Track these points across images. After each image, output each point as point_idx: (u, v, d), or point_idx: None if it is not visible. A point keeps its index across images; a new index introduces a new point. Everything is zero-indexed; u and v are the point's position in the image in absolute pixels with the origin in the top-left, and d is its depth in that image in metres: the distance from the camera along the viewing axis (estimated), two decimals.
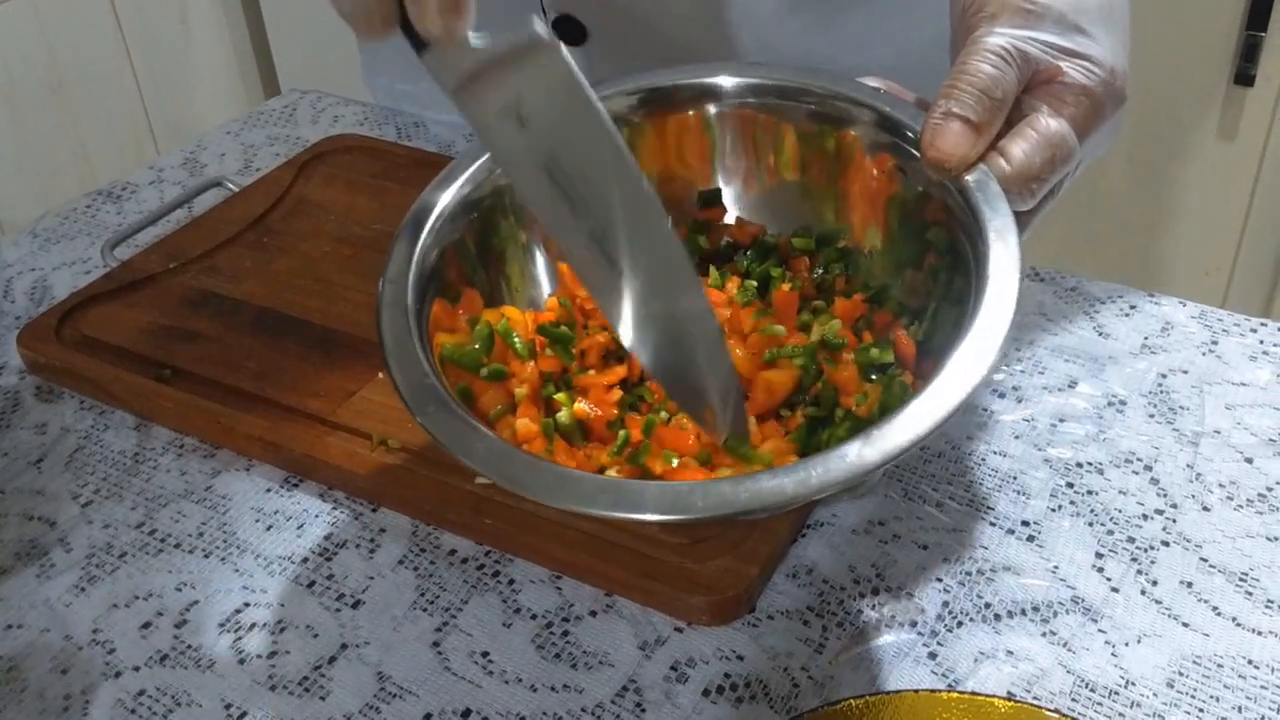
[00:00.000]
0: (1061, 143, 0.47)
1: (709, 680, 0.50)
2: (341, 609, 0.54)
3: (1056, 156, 0.47)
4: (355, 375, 0.65)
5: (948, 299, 0.49)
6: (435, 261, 0.52)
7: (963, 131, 0.47)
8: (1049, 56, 0.48)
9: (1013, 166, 0.47)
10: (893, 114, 0.52)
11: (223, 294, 0.72)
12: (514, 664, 0.51)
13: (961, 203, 0.47)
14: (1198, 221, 1.53)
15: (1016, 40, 0.48)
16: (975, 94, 0.47)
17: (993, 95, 0.47)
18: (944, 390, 0.41)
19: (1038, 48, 0.48)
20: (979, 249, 0.45)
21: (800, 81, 0.55)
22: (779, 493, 0.40)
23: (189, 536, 0.58)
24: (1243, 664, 0.50)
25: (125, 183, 0.86)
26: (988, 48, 0.47)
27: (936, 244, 0.50)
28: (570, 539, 0.54)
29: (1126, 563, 0.54)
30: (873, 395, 0.50)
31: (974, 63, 0.47)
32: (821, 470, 0.40)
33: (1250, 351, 0.65)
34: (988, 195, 0.46)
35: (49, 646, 0.53)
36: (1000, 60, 0.47)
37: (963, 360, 0.42)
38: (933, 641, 0.51)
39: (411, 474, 0.58)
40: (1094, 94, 0.48)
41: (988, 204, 0.46)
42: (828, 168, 0.55)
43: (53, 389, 0.68)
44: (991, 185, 0.47)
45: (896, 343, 0.51)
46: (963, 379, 0.41)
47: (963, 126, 0.47)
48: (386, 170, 0.82)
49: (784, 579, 0.54)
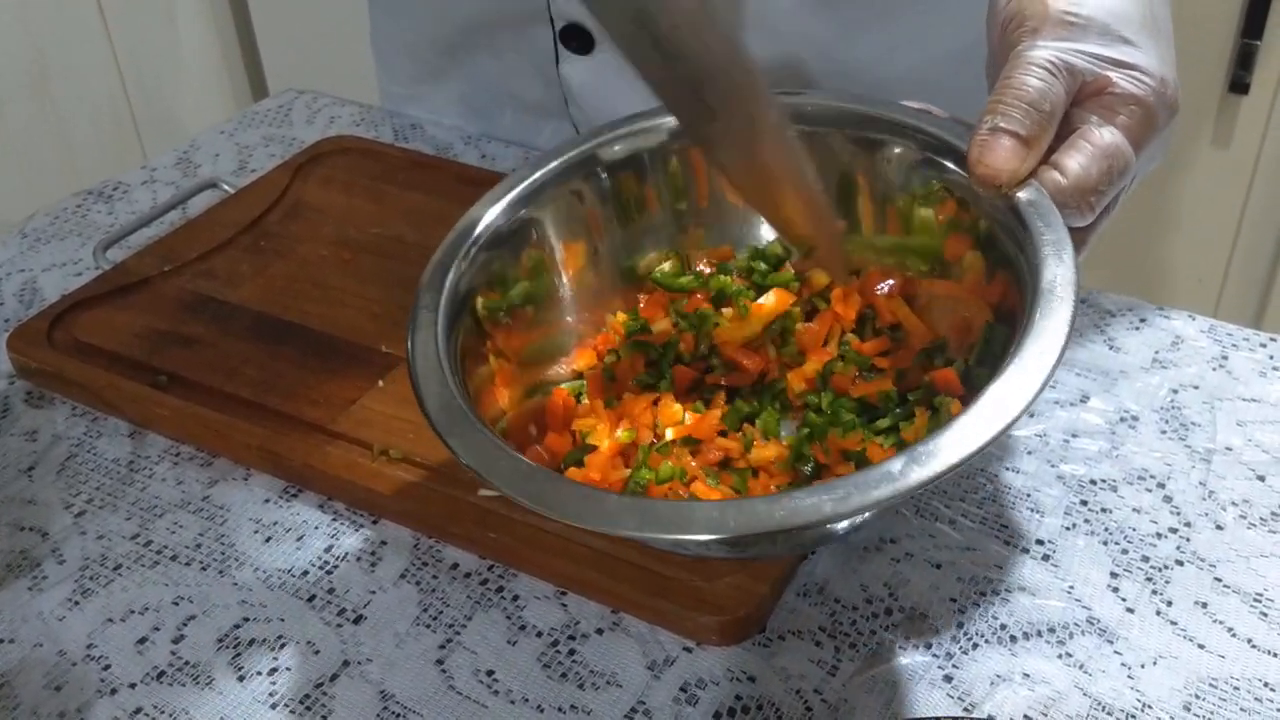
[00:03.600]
0: (1117, 154, 0.46)
1: (720, 702, 0.49)
2: (343, 624, 0.53)
3: (1113, 168, 0.46)
4: (355, 383, 0.63)
5: (999, 319, 0.48)
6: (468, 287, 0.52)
7: (1012, 146, 0.45)
8: (1096, 68, 0.47)
9: (1069, 180, 0.45)
10: (939, 134, 0.50)
11: (219, 298, 0.70)
12: (520, 683, 0.50)
13: (1013, 220, 0.46)
14: (1191, 229, 1.53)
15: (1061, 52, 0.46)
16: (1023, 107, 0.45)
17: (1040, 108, 0.45)
18: (990, 412, 0.40)
19: (1084, 59, 0.47)
20: (1033, 267, 0.44)
21: (838, 104, 0.54)
22: (816, 511, 0.38)
23: (186, 548, 0.57)
24: (1259, 686, 0.49)
25: (117, 182, 0.84)
26: (1032, 60, 0.46)
27: (989, 262, 0.49)
28: (577, 554, 0.53)
29: (1141, 582, 0.53)
30: (920, 422, 0.49)
31: (1019, 76, 0.46)
32: (861, 488, 0.38)
33: (1260, 367, 0.64)
34: (1041, 211, 0.45)
35: (42, 662, 0.52)
36: (1046, 73, 0.46)
37: (1011, 382, 0.40)
38: (948, 664, 0.50)
39: (413, 485, 0.57)
40: (1146, 103, 0.47)
41: (1041, 219, 0.45)
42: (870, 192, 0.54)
43: (44, 394, 0.66)
44: (1044, 201, 0.45)
45: (937, 379, 0.50)
46: (1010, 402, 0.40)
47: (1012, 141, 0.45)
48: (384, 172, 0.81)
49: (795, 597, 0.53)
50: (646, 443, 0.51)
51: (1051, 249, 0.44)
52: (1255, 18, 1.38)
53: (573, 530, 0.54)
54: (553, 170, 0.55)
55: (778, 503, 0.39)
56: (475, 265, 0.52)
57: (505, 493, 0.42)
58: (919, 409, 0.49)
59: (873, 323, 0.54)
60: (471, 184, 0.79)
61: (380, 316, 0.68)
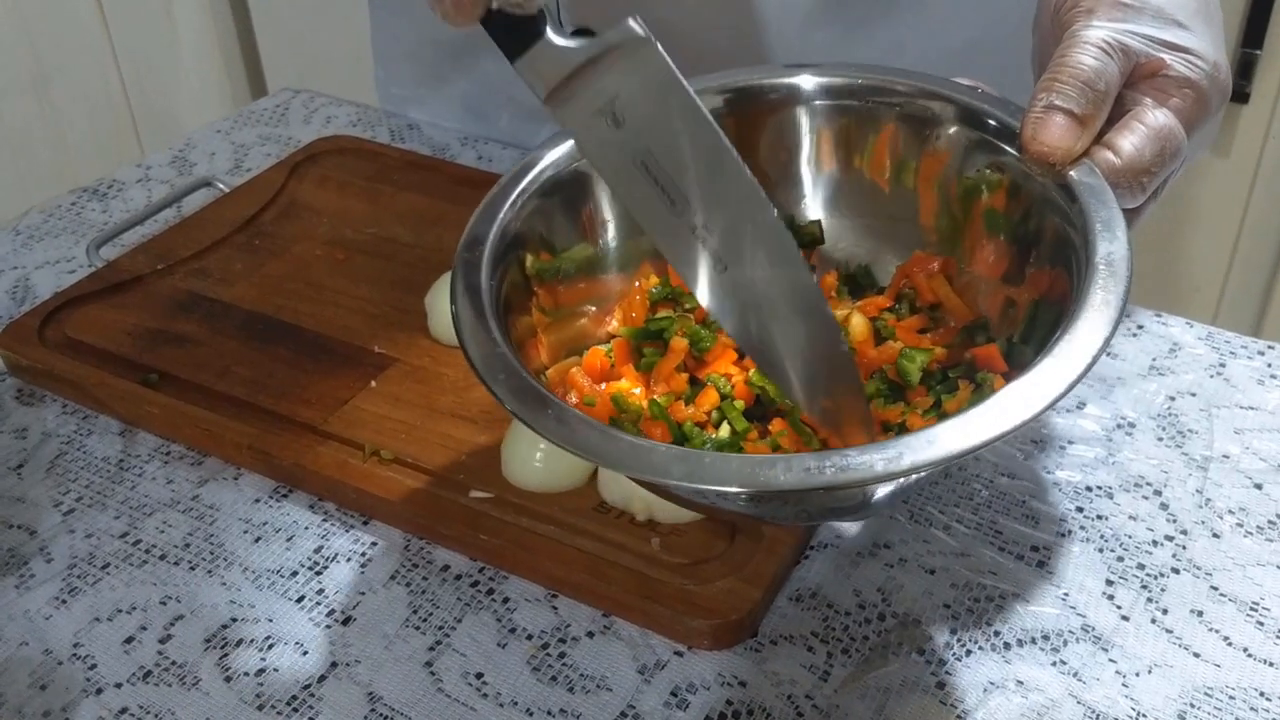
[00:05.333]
0: (1170, 136, 0.46)
1: (710, 707, 0.48)
2: (332, 625, 0.52)
3: (1166, 150, 0.46)
4: (347, 383, 0.63)
5: (1046, 298, 0.47)
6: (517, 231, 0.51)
7: (1066, 124, 0.45)
8: (1150, 49, 0.47)
9: (1122, 160, 0.45)
10: (990, 111, 0.50)
11: (212, 297, 0.70)
12: (509, 686, 0.50)
13: (1064, 198, 0.45)
14: (1191, 237, 1.53)
15: (1116, 33, 0.46)
16: (1077, 86, 0.45)
17: (1095, 87, 0.45)
18: (1042, 382, 0.39)
19: (1138, 41, 0.47)
20: (1087, 244, 0.43)
21: (889, 81, 0.53)
22: (867, 469, 0.37)
23: (174, 547, 0.56)
24: (1255, 696, 0.49)
25: (111, 180, 0.84)
26: (1087, 40, 0.46)
27: (1037, 239, 0.48)
28: (567, 557, 0.53)
29: (1137, 590, 0.53)
30: (963, 394, 0.48)
31: (1074, 55, 0.46)
32: (913, 449, 0.38)
33: (1258, 375, 0.64)
34: (1094, 190, 0.45)
35: (28, 661, 0.51)
36: (1101, 52, 0.46)
37: (1064, 353, 0.40)
38: (940, 670, 0.49)
39: (404, 487, 0.57)
40: (1199, 87, 0.47)
41: (1094, 198, 0.44)
42: (918, 171, 0.53)
43: (35, 392, 0.66)
44: (1097, 180, 0.45)
45: (979, 356, 0.49)
46: (1062, 371, 0.39)
47: (1066, 119, 0.45)
48: (380, 172, 0.81)
49: (787, 602, 0.52)
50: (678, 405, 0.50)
51: (1104, 226, 0.44)
52: (1255, 27, 1.37)
53: (564, 533, 0.54)
54: None
55: (828, 459, 0.38)
56: (526, 211, 0.51)
57: (558, 443, 0.41)
58: (963, 382, 0.49)
59: (911, 300, 0.53)
60: (468, 185, 0.79)
61: (374, 317, 0.68)
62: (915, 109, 0.52)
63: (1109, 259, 0.43)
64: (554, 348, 0.51)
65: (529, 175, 0.52)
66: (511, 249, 0.50)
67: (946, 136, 0.52)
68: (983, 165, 0.50)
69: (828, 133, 0.55)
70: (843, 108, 0.54)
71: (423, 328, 0.66)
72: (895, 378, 0.50)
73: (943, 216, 0.53)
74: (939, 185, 0.53)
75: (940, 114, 0.52)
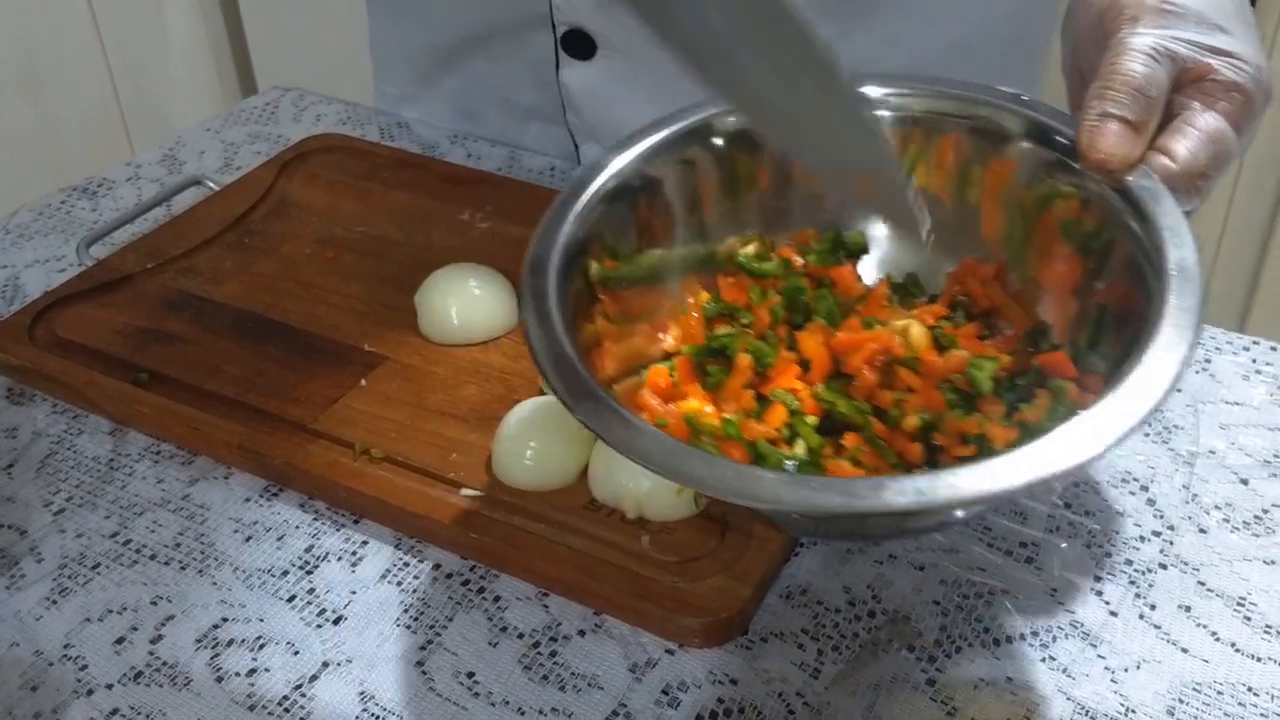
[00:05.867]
0: (1222, 138, 0.46)
1: (701, 705, 0.49)
2: (323, 625, 0.52)
3: (1219, 153, 0.46)
4: (337, 381, 0.63)
5: (1118, 304, 0.47)
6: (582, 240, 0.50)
7: (1122, 131, 0.46)
8: (1196, 54, 0.47)
9: (1178, 164, 0.46)
10: (1046, 121, 0.50)
11: (202, 296, 0.70)
12: (500, 685, 0.50)
13: (1128, 205, 0.46)
14: None
15: (1163, 39, 0.47)
16: (1130, 93, 0.46)
17: (1147, 94, 0.46)
18: (1140, 391, 0.40)
19: (1184, 46, 0.47)
20: (1156, 251, 0.44)
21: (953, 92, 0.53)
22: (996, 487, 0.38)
23: (165, 547, 0.56)
24: (1242, 691, 0.49)
25: (101, 179, 0.84)
26: (1135, 47, 0.46)
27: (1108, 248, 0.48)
28: (558, 556, 0.53)
29: (1125, 586, 0.53)
30: (1041, 403, 0.47)
31: (1124, 62, 0.46)
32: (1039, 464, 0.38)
33: (1243, 370, 0.64)
34: (1155, 195, 0.45)
35: (18, 662, 0.51)
36: (1149, 59, 0.46)
37: (1155, 361, 0.40)
38: (930, 667, 0.50)
39: (395, 485, 0.57)
40: (1245, 90, 0.47)
41: (1156, 204, 0.45)
42: (983, 183, 0.53)
43: (24, 391, 0.66)
44: (1156, 186, 0.45)
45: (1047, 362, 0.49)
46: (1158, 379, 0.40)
47: (1121, 126, 0.46)
48: (370, 170, 0.80)
49: (777, 599, 0.53)
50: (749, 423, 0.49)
51: (1172, 233, 0.44)
52: None
53: (555, 531, 0.54)
54: (676, 131, 0.54)
55: (940, 479, 0.38)
56: (593, 217, 0.51)
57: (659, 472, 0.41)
58: (1039, 390, 0.48)
59: (966, 308, 0.53)
60: (457, 183, 0.79)
61: (364, 315, 0.68)
62: (982, 122, 0.52)
63: (1181, 265, 0.43)
64: (620, 359, 0.51)
65: (594, 181, 0.52)
66: (578, 251, 0.50)
67: (1014, 150, 0.51)
68: (1053, 177, 0.50)
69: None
70: (908, 119, 0.54)
71: (413, 326, 0.67)
72: (965, 387, 0.49)
73: (1009, 229, 0.53)
74: (1004, 198, 0.52)
75: (1008, 127, 0.51)
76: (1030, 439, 0.40)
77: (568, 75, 0.79)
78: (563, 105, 0.81)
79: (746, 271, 0.55)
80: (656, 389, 0.50)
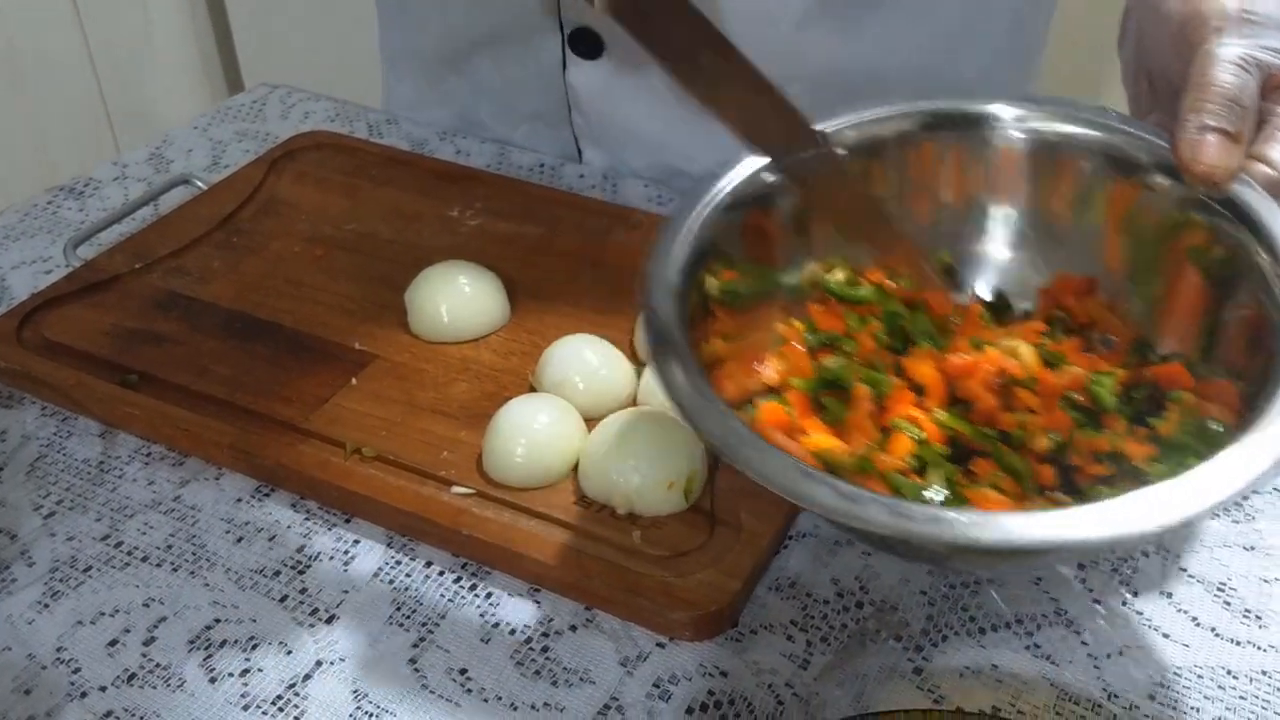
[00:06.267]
0: None
1: (692, 697, 0.49)
2: (316, 624, 0.53)
3: None
4: (327, 381, 0.63)
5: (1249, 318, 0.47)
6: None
7: (1221, 142, 0.46)
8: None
9: (1278, 171, 0.46)
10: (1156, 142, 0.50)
11: (190, 295, 0.70)
12: (493, 681, 0.50)
13: (1233, 216, 0.46)
14: None
15: (1250, 49, 0.47)
16: (1226, 104, 0.46)
17: (1241, 103, 0.46)
18: None
19: (1270, 55, 0.48)
20: (1275, 259, 0.44)
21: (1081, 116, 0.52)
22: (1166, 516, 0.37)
23: (157, 549, 0.57)
24: (1222, 674, 0.50)
25: (88, 179, 0.84)
26: (1225, 58, 0.47)
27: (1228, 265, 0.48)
28: (549, 551, 0.54)
29: (1108, 573, 0.54)
30: (1173, 416, 0.47)
31: (1215, 73, 0.47)
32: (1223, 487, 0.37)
33: None
34: (1262, 204, 0.45)
35: (11, 665, 0.52)
36: (1240, 69, 0.47)
37: None
38: (918, 656, 0.50)
39: (386, 484, 0.57)
40: None
41: (1267, 213, 0.45)
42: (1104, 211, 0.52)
43: (13, 394, 0.66)
44: (1259, 194, 0.46)
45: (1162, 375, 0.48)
46: None
47: (1220, 138, 0.46)
48: (359, 168, 0.81)
49: (766, 592, 0.53)
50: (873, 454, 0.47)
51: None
52: None
53: (546, 527, 0.55)
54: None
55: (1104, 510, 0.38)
56: (710, 226, 0.49)
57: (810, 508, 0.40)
58: (1169, 403, 0.47)
59: (1064, 323, 0.52)
60: (447, 180, 0.79)
61: (353, 313, 0.68)
62: (1113, 151, 0.51)
63: None
64: (739, 384, 0.49)
65: (709, 193, 0.50)
66: (697, 262, 0.48)
67: (1143, 181, 0.50)
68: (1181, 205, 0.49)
69: (1012, 167, 0.53)
70: (1035, 143, 0.53)
71: (403, 324, 0.67)
72: (1085, 403, 0.48)
73: (1132, 254, 0.52)
74: (1128, 224, 0.52)
75: (1137, 158, 0.50)
76: (1171, 453, 0.40)
77: (574, 75, 0.79)
78: (568, 106, 0.81)
79: (839, 298, 0.53)
80: (778, 425, 0.48)
